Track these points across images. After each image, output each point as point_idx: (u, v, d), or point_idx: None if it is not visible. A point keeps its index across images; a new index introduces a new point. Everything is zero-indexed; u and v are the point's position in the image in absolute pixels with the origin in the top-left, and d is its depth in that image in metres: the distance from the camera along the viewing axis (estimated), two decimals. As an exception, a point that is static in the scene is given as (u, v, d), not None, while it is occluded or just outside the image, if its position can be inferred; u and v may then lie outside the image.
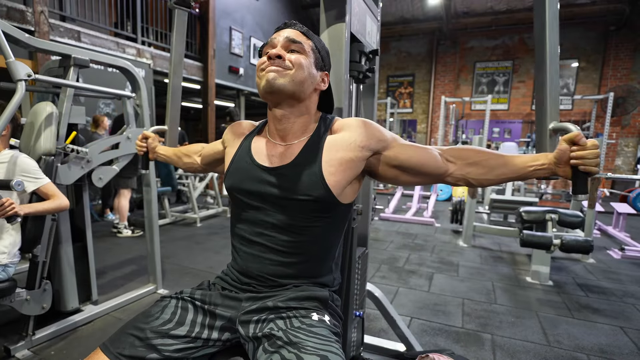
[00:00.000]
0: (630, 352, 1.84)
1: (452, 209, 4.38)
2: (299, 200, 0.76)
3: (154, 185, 2.36)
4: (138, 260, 3.01)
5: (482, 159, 0.78)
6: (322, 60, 0.83)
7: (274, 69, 0.75)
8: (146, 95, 2.23)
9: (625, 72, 8.02)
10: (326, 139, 0.80)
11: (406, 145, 0.82)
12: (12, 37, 1.56)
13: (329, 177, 0.76)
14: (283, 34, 0.78)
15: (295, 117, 0.80)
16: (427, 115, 9.89)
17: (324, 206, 0.77)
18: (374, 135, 0.79)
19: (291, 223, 0.78)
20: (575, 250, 2.67)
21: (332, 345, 0.68)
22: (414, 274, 2.92)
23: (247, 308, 0.78)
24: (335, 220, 0.81)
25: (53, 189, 1.61)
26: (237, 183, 0.82)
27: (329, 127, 0.83)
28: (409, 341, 1.69)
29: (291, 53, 0.77)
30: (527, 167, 0.75)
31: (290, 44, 0.77)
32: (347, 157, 0.77)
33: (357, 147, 0.77)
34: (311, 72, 0.79)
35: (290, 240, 0.78)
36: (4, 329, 1.83)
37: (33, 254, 1.66)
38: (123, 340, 0.73)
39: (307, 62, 0.78)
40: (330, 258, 0.85)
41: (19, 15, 3.75)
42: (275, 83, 0.74)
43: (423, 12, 8.85)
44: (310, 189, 0.75)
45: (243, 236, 0.83)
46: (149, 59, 5.36)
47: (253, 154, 0.84)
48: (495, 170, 0.77)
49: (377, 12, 1.37)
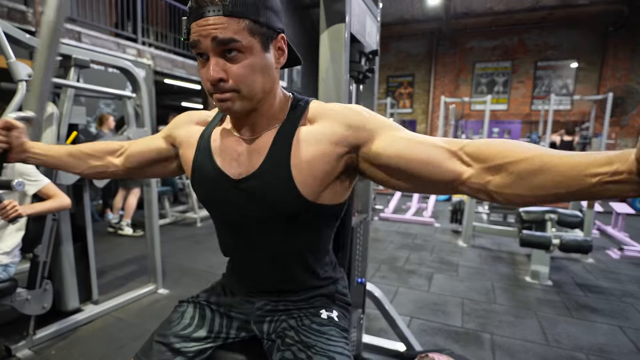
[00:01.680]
0: (629, 351, 1.85)
1: (451, 209, 4.39)
2: (275, 213, 0.67)
3: (154, 185, 2.36)
4: (138, 260, 3.01)
5: (514, 159, 0.50)
6: (269, 27, 0.60)
7: (219, 97, 0.60)
8: (146, 96, 2.24)
9: (624, 72, 8.03)
10: (296, 133, 0.65)
11: (399, 137, 0.61)
12: (13, 38, 1.56)
13: (301, 182, 0.63)
14: (207, 32, 0.56)
15: (261, 110, 0.66)
16: (427, 116, 9.90)
17: (304, 214, 0.67)
18: (350, 125, 0.62)
19: (275, 232, 0.70)
20: (574, 250, 2.68)
21: (340, 346, 0.71)
22: (413, 273, 2.93)
23: (261, 310, 0.80)
24: (322, 221, 0.72)
25: (54, 189, 1.62)
26: (207, 196, 0.72)
27: (301, 114, 0.67)
28: (408, 341, 1.70)
29: (230, 57, 0.58)
30: (591, 177, 0.43)
31: (223, 47, 0.57)
32: (318, 156, 0.63)
33: (329, 142, 0.63)
34: (264, 68, 0.61)
35: (277, 252, 0.73)
36: (4, 328, 1.83)
37: (34, 253, 1.66)
38: (151, 349, 0.76)
39: (254, 61, 0.59)
40: (325, 254, 0.81)
41: (19, 16, 3.76)
42: (232, 111, 0.62)
43: (423, 12, 8.86)
44: (284, 201, 0.65)
45: (229, 247, 0.80)
46: (149, 60, 5.36)
47: (215, 156, 0.70)
48: (534, 177, 0.48)
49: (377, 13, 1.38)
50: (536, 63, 8.77)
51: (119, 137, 2.13)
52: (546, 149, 0.49)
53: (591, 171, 0.43)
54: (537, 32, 8.69)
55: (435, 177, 0.57)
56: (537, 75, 8.79)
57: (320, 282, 0.81)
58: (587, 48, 8.33)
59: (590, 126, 7.57)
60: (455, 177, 0.56)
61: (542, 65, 8.73)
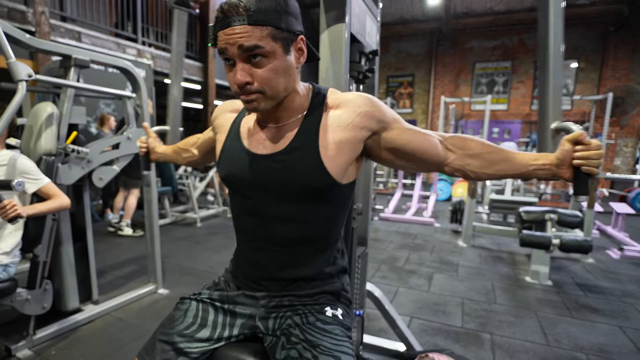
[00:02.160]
0: (629, 351, 1.85)
1: (451, 209, 4.39)
2: (298, 189, 0.72)
3: (154, 185, 2.36)
4: (138, 260, 3.01)
5: (484, 152, 0.76)
6: (289, 31, 0.66)
7: (246, 99, 0.67)
8: (146, 96, 2.24)
9: (624, 72, 8.03)
10: (321, 118, 0.73)
11: (406, 129, 0.76)
12: (13, 38, 1.56)
13: (328, 161, 0.71)
14: (233, 40, 0.62)
15: (285, 105, 0.73)
16: (427, 116, 9.90)
17: (326, 191, 0.73)
18: (373, 115, 0.73)
19: (292, 212, 0.74)
20: (574, 250, 2.68)
21: (344, 345, 0.72)
22: (413, 273, 2.93)
23: (265, 306, 0.80)
24: (338, 202, 0.78)
25: (54, 189, 1.62)
26: (230, 173, 0.78)
27: (322, 102, 0.75)
28: (408, 341, 1.70)
29: (255, 62, 0.64)
30: (528, 166, 0.74)
31: (248, 53, 0.63)
32: (345, 139, 0.72)
33: (355, 127, 0.72)
34: (286, 69, 0.67)
35: (294, 229, 0.76)
36: (4, 328, 1.83)
37: (34, 253, 1.66)
38: (154, 348, 0.76)
39: (277, 64, 0.66)
40: (336, 241, 0.83)
41: (19, 16, 3.76)
42: (258, 110, 0.69)
43: (423, 12, 8.86)
44: (309, 176, 0.71)
45: (244, 229, 0.81)
46: (149, 60, 5.36)
47: (243, 139, 0.77)
48: (495, 165, 0.75)
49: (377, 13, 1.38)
50: (536, 63, 8.77)
51: (118, 137, 2.12)
52: (500, 146, 0.77)
53: (530, 163, 0.74)
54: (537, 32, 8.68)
55: (430, 160, 0.77)
56: (537, 75, 8.79)
57: (326, 276, 0.81)
58: (587, 48, 8.33)
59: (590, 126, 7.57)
60: (443, 160, 0.77)
61: (542, 65, 8.73)
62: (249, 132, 0.78)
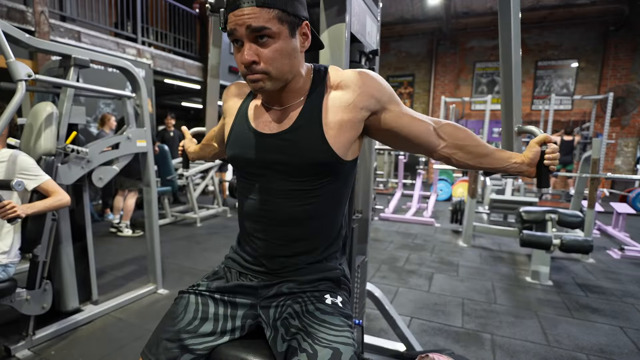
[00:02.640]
0: (629, 351, 1.85)
1: (452, 209, 4.38)
2: (303, 164, 0.74)
3: (154, 185, 2.36)
4: (138, 260, 3.01)
5: (471, 144, 0.83)
6: (295, 13, 0.69)
7: (252, 78, 0.70)
8: (146, 96, 2.24)
9: (624, 72, 8.02)
10: (323, 98, 0.76)
11: (402, 113, 0.79)
12: (12, 37, 1.56)
13: (331, 139, 0.74)
14: (242, 21, 0.66)
15: (289, 87, 0.76)
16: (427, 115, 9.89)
17: (330, 168, 0.76)
18: (372, 95, 0.75)
19: (297, 189, 0.76)
20: (574, 250, 2.67)
21: (344, 335, 0.71)
22: (413, 273, 2.92)
23: (265, 295, 0.80)
24: (341, 178, 0.80)
25: (53, 186, 1.61)
26: (237, 152, 0.81)
27: (323, 81, 0.77)
28: (408, 341, 1.69)
29: (262, 42, 0.67)
30: (504, 163, 0.84)
31: (256, 33, 0.66)
32: (346, 118, 0.74)
33: (356, 107, 0.75)
34: (291, 51, 0.70)
35: (298, 206, 0.77)
36: (4, 328, 1.83)
37: (33, 254, 1.66)
38: (158, 345, 0.76)
39: (282, 46, 0.68)
40: (338, 220, 0.84)
41: (19, 16, 3.76)
42: (263, 90, 0.72)
43: (423, 12, 8.85)
44: (313, 153, 0.73)
45: (249, 210, 0.81)
46: (149, 59, 5.36)
47: (250, 120, 0.80)
48: (479, 158, 0.84)
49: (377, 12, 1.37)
50: (537, 63, 8.76)
51: (118, 136, 2.12)
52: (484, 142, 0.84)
53: (507, 160, 0.84)
54: (537, 31, 8.68)
55: (421, 144, 0.82)
56: (537, 75, 8.79)
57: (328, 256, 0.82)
58: (588, 48, 8.32)
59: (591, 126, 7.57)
60: (434, 147, 0.83)
61: (543, 65, 8.72)
62: (255, 114, 0.81)
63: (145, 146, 2.23)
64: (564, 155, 6.92)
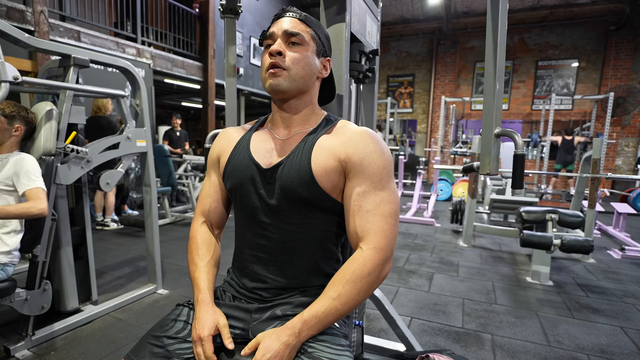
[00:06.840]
0: (630, 352, 1.84)
1: (452, 209, 4.38)
2: (293, 198, 0.76)
3: (154, 185, 2.36)
4: (138, 260, 3.01)
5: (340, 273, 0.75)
6: (323, 46, 0.82)
7: (273, 72, 0.76)
8: (146, 95, 2.23)
9: (625, 72, 8.02)
10: (319, 138, 0.79)
11: (360, 195, 0.74)
12: (11, 37, 1.55)
13: (319, 177, 0.75)
14: (281, 25, 0.78)
15: (299, 106, 0.82)
16: (427, 115, 9.90)
17: (319, 203, 0.77)
18: (351, 157, 0.75)
19: (289, 221, 0.78)
20: (575, 250, 2.67)
21: (344, 354, 0.72)
22: (414, 274, 2.92)
23: (258, 319, 0.79)
24: (333, 215, 0.80)
25: (35, 193, 1.53)
26: (235, 184, 0.82)
27: (329, 126, 0.82)
28: (409, 341, 1.69)
29: (291, 46, 0.77)
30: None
31: (290, 37, 0.77)
32: (331, 166, 0.76)
33: (337, 158, 0.76)
34: (312, 62, 0.79)
35: (289, 241, 0.79)
36: (3, 329, 1.83)
37: (33, 254, 1.66)
38: (143, 349, 0.75)
39: (306, 54, 0.78)
40: (333, 252, 0.84)
41: (18, 15, 3.75)
42: (278, 88, 0.77)
43: (423, 12, 8.84)
44: (302, 188, 0.75)
45: (244, 237, 0.84)
46: (148, 59, 5.36)
47: (251, 149, 0.83)
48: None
49: (377, 12, 1.37)
50: (537, 62, 8.76)
51: (118, 136, 2.11)
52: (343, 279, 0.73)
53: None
54: (538, 31, 8.68)
55: (348, 233, 0.78)
56: (538, 75, 8.78)
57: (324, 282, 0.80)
58: (589, 47, 8.32)
59: (592, 126, 7.56)
60: (355, 244, 0.76)
61: (543, 65, 8.72)
62: (257, 144, 0.84)
63: (145, 146, 2.23)
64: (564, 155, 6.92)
